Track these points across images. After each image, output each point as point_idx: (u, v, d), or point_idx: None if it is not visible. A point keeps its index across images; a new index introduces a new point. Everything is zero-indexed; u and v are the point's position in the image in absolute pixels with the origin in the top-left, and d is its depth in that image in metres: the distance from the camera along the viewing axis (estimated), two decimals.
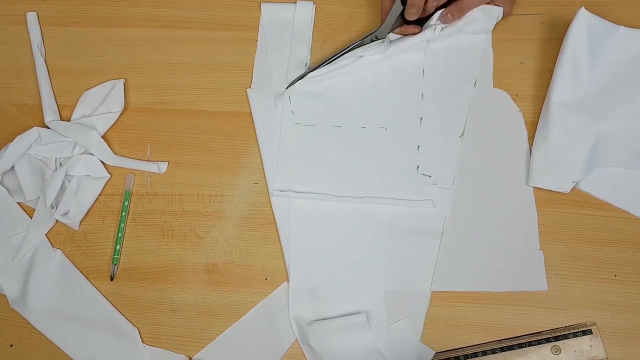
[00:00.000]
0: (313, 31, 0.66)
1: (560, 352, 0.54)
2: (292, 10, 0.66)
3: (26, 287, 0.59)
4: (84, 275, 0.60)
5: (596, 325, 0.55)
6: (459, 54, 0.63)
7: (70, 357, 0.58)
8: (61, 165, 0.62)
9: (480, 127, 0.62)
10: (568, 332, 0.55)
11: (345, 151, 0.62)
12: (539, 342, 0.55)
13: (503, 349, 0.55)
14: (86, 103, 0.64)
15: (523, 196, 0.59)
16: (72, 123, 0.63)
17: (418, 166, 0.61)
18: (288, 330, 0.57)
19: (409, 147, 0.61)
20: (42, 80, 0.66)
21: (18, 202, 0.62)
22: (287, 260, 0.59)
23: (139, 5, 0.68)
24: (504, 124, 0.62)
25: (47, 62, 0.67)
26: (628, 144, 0.59)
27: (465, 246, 0.58)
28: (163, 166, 0.62)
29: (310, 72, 0.63)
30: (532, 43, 0.64)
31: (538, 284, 0.57)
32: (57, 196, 0.60)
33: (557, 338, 0.55)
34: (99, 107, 0.64)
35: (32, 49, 0.67)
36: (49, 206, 0.60)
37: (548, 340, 0.55)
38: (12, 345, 0.59)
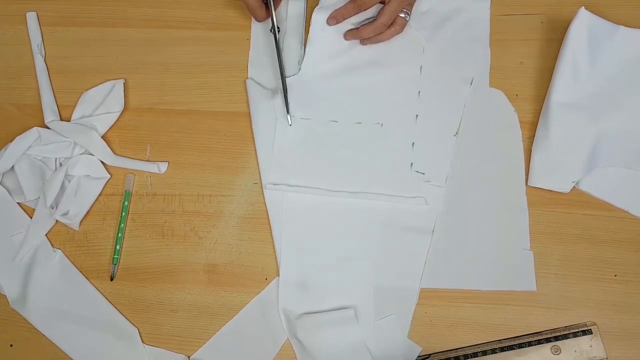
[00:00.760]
0: (306, 26, 0.66)
1: (560, 352, 0.54)
2: (284, 6, 0.66)
3: (26, 287, 0.59)
4: (84, 275, 0.60)
5: (596, 325, 0.55)
6: (456, 52, 0.64)
7: (70, 357, 0.58)
8: (61, 165, 0.62)
9: (475, 126, 0.62)
10: (568, 332, 0.55)
11: (340, 146, 0.62)
12: (539, 342, 0.55)
13: (503, 349, 0.55)
14: (86, 103, 0.64)
15: (515, 196, 0.59)
16: (72, 123, 0.63)
17: (412, 163, 0.61)
18: (281, 325, 0.57)
19: (403, 144, 0.61)
20: (42, 80, 0.66)
21: (18, 202, 0.62)
22: (278, 253, 0.59)
23: (139, 5, 0.68)
24: (499, 123, 0.62)
25: (47, 62, 0.67)
26: (628, 144, 0.59)
27: (456, 244, 0.58)
28: (163, 166, 0.62)
29: (304, 67, 0.63)
30: (532, 43, 0.64)
31: (527, 284, 0.57)
32: (57, 196, 0.60)
33: (557, 338, 0.55)
34: (99, 107, 0.64)
35: (32, 49, 0.67)
36: (49, 206, 0.60)
37: (548, 340, 0.55)
38: (12, 345, 0.59)
